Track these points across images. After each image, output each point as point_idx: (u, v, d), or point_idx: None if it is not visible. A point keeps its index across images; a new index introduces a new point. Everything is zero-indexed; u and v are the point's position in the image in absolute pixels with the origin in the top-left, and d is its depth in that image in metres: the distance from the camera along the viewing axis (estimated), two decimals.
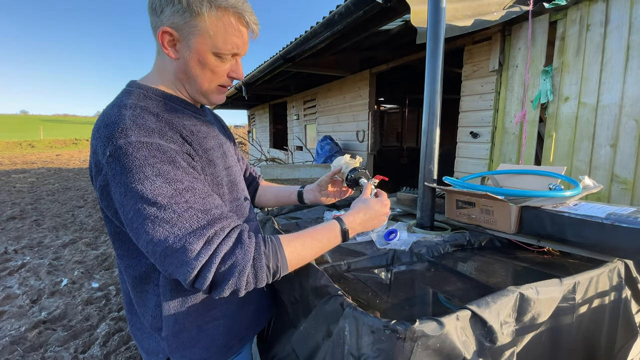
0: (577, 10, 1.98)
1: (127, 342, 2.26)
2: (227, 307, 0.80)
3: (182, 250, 0.58)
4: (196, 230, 0.59)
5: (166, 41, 0.68)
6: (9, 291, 2.92)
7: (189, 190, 0.62)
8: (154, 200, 0.58)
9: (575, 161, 2.04)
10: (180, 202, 0.60)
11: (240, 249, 0.62)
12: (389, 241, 1.10)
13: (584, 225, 0.91)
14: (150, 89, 0.72)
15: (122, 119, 0.62)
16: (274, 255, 0.65)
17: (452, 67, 3.96)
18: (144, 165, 0.59)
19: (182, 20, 0.66)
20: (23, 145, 23.51)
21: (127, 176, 0.59)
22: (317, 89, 5.86)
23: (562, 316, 0.75)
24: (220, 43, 0.68)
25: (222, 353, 0.80)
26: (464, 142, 2.83)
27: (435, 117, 1.21)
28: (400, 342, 0.56)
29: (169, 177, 0.60)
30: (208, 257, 0.59)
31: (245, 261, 0.62)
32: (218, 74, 0.73)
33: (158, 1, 0.67)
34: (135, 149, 0.59)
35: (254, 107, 10.63)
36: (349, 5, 2.36)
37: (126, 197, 0.59)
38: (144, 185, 0.58)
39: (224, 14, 0.67)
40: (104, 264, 3.53)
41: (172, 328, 0.73)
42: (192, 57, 0.69)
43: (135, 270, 0.73)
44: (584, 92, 1.98)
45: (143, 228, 0.59)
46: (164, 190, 0.59)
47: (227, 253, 0.61)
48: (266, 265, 0.64)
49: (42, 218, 5.32)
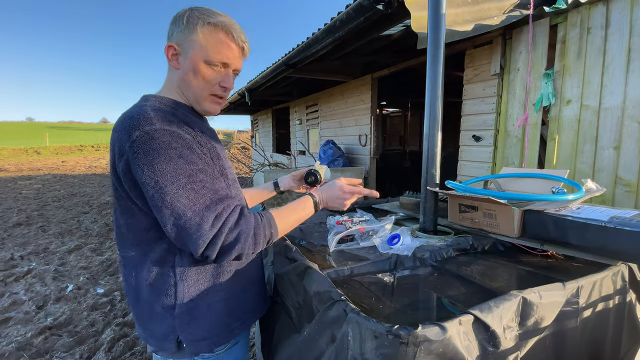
0: (578, 13, 1.99)
1: (132, 348, 2.27)
2: (232, 288, 0.89)
3: (198, 223, 0.70)
4: (209, 205, 0.72)
5: (170, 54, 0.83)
6: (15, 297, 2.95)
7: (202, 172, 0.74)
8: (177, 179, 0.69)
9: (578, 164, 2.04)
10: (197, 181, 0.72)
11: (244, 221, 0.76)
12: (392, 246, 1.10)
13: (587, 228, 0.91)
14: (163, 98, 0.84)
15: (146, 111, 0.74)
16: (269, 225, 0.80)
17: (454, 71, 3.97)
18: (168, 148, 0.70)
19: (183, 37, 0.81)
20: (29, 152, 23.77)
21: (153, 157, 0.69)
22: (319, 94, 5.88)
23: (565, 320, 0.75)
24: (210, 53, 0.81)
25: (226, 333, 0.89)
26: (466, 145, 2.83)
27: (436, 121, 1.22)
28: (403, 347, 0.56)
29: (188, 159, 0.72)
30: (218, 229, 0.71)
31: (248, 230, 0.75)
32: (209, 82, 0.84)
33: (170, 28, 0.83)
34: (160, 134, 0.70)
35: (256, 113, 10.69)
36: (350, 12, 2.38)
37: (150, 176, 0.69)
38: (168, 165, 0.69)
39: (214, 29, 0.81)
40: (109, 270, 3.55)
41: (185, 306, 0.82)
42: (189, 65, 0.82)
43: (154, 254, 0.81)
44: (586, 95, 1.98)
45: (164, 203, 0.69)
46: (184, 170, 0.71)
47: (233, 224, 0.74)
48: (264, 233, 0.79)
49: (47, 224, 5.37)
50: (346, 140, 5.07)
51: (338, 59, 3.97)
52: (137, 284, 0.84)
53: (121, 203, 0.81)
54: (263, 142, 10.15)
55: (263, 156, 7.73)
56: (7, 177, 11.17)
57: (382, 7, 2.13)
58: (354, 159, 4.88)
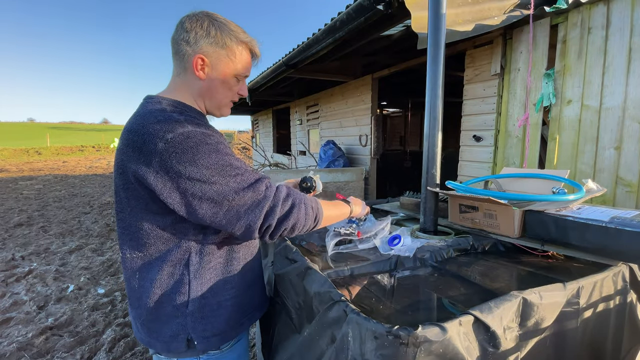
0: (578, 13, 1.99)
1: (133, 348, 2.27)
2: (240, 284, 0.92)
3: (253, 198, 0.77)
4: (257, 181, 0.79)
5: (198, 65, 0.85)
6: (16, 297, 2.95)
7: (237, 160, 0.80)
8: (222, 169, 0.75)
9: (579, 164, 2.03)
10: (238, 166, 0.78)
11: (293, 192, 0.84)
12: (393, 247, 1.10)
13: (587, 229, 0.91)
14: (172, 100, 0.86)
15: (173, 116, 0.77)
16: (316, 204, 0.88)
17: (454, 71, 3.97)
18: (205, 144, 0.75)
19: (213, 50, 0.84)
20: (30, 152, 23.81)
21: (193, 154, 0.73)
22: (319, 94, 5.89)
23: (566, 321, 0.75)
24: (240, 68, 0.89)
25: (235, 327, 0.92)
26: (467, 145, 2.83)
27: (437, 121, 1.22)
28: (403, 348, 0.56)
29: (224, 152, 0.78)
30: (273, 197, 0.79)
31: (300, 199, 0.84)
32: (233, 91, 0.93)
33: (194, 35, 0.83)
34: (194, 134, 0.74)
35: (257, 113, 10.69)
36: (351, 12, 2.38)
37: (194, 171, 0.73)
38: (209, 159, 0.74)
39: (243, 47, 0.89)
40: (109, 270, 3.56)
41: (198, 303, 0.85)
42: (218, 78, 0.87)
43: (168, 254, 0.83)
44: (586, 95, 1.98)
45: (217, 194, 0.74)
46: (224, 160, 0.76)
47: (285, 194, 0.81)
48: (312, 207, 0.86)
49: (48, 224, 5.37)
50: (347, 140, 5.07)
51: (338, 60, 3.98)
52: (141, 285, 0.84)
53: (134, 204, 0.80)
54: (263, 143, 10.15)
55: (263, 156, 7.74)
56: (8, 178, 11.19)
57: (382, 7, 2.13)
58: (355, 159, 4.88)
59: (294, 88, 6.34)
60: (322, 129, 5.91)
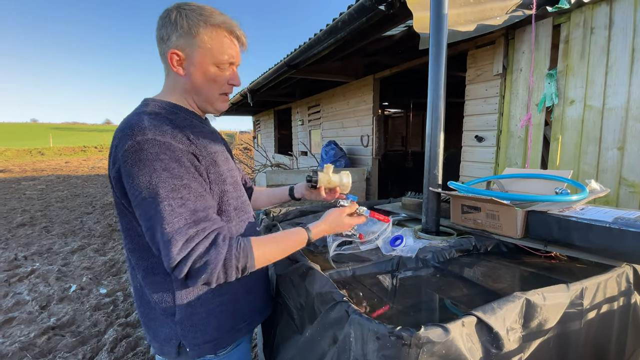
0: (581, 13, 1.98)
1: (135, 348, 2.27)
2: (236, 291, 0.88)
3: (168, 243, 0.68)
4: (182, 227, 0.69)
5: (174, 61, 0.80)
6: (19, 297, 2.96)
7: (186, 187, 0.72)
8: (157, 192, 0.68)
9: (582, 164, 2.02)
10: (177, 197, 0.70)
11: (214, 250, 0.71)
12: (395, 247, 1.10)
13: (591, 229, 0.90)
14: (163, 102, 0.83)
15: (142, 120, 0.73)
16: (244, 256, 0.75)
17: (456, 71, 3.96)
18: (155, 160, 0.69)
19: (185, 42, 0.78)
20: (33, 152, 23.91)
21: (139, 168, 0.69)
22: (321, 95, 5.89)
23: (569, 322, 0.75)
24: (217, 55, 0.80)
25: (231, 334, 0.89)
26: (469, 146, 2.82)
27: (439, 122, 1.21)
28: (406, 349, 0.56)
29: (174, 173, 0.70)
30: (186, 254, 0.69)
31: (217, 261, 0.71)
32: (219, 82, 0.84)
33: (165, 31, 0.79)
34: (150, 145, 0.70)
35: (259, 113, 10.70)
36: (352, 12, 2.38)
37: (134, 187, 0.69)
38: (151, 177, 0.69)
39: (217, 30, 0.79)
40: (111, 270, 3.57)
41: (185, 312, 0.82)
42: (197, 70, 0.81)
43: (147, 262, 0.81)
44: (589, 95, 1.97)
45: (145, 215, 0.70)
46: (167, 183, 0.69)
47: (202, 252, 0.70)
48: (235, 265, 0.74)
49: (51, 225, 5.39)
50: (348, 140, 5.07)
51: (340, 60, 3.98)
52: (140, 286, 0.85)
53: (117, 207, 0.81)
54: (265, 143, 10.16)
55: (265, 157, 7.74)
56: (11, 178, 11.24)
57: (384, 7, 2.12)
58: (356, 160, 4.87)
59: (295, 88, 6.34)
60: (323, 129, 5.91)
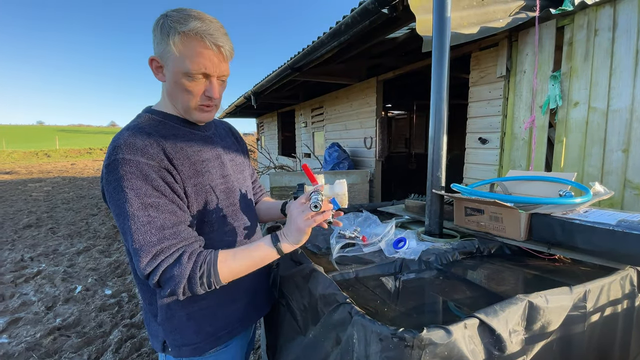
0: (584, 15, 1.97)
1: (139, 349, 2.29)
2: (213, 300, 0.89)
3: (137, 256, 0.72)
4: (147, 244, 0.72)
5: (154, 67, 0.81)
6: (25, 298, 2.99)
7: (153, 206, 0.73)
8: (125, 209, 0.72)
9: (586, 167, 2.01)
10: (143, 215, 0.72)
11: (178, 268, 0.74)
12: (398, 250, 1.10)
13: (594, 232, 0.90)
14: (155, 111, 0.86)
15: (121, 137, 0.76)
16: (208, 273, 0.76)
17: (460, 73, 3.95)
18: (123, 179, 0.72)
19: (161, 49, 0.77)
20: (39, 154, 24.16)
21: (113, 186, 0.73)
22: (324, 97, 5.90)
23: (572, 325, 0.74)
24: (188, 64, 0.76)
25: (211, 341, 0.89)
26: (472, 148, 2.81)
27: (442, 124, 1.22)
28: (408, 350, 0.56)
29: (140, 192, 0.73)
30: (152, 269, 0.73)
31: (181, 278, 0.74)
32: (192, 93, 0.81)
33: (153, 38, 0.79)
34: (120, 165, 0.72)
35: (262, 116, 10.75)
36: (355, 15, 2.39)
37: (111, 200, 0.75)
38: (119, 195, 0.72)
39: (187, 39, 0.75)
40: (116, 271, 3.59)
41: (165, 314, 0.86)
42: (171, 78, 0.80)
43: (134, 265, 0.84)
44: (593, 97, 1.96)
45: (120, 228, 0.75)
46: (133, 202, 0.72)
47: (165, 269, 0.73)
48: (199, 282, 0.75)
49: (57, 226, 5.45)
50: (351, 142, 5.07)
51: (343, 62, 3.99)
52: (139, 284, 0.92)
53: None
54: (269, 145, 10.19)
55: (269, 159, 7.77)
56: (18, 180, 11.37)
57: (387, 10, 2.13)
58: (359, 162, 4.87)
59: (299, 91, 6.36)
60: (326, 131, 5.92)
